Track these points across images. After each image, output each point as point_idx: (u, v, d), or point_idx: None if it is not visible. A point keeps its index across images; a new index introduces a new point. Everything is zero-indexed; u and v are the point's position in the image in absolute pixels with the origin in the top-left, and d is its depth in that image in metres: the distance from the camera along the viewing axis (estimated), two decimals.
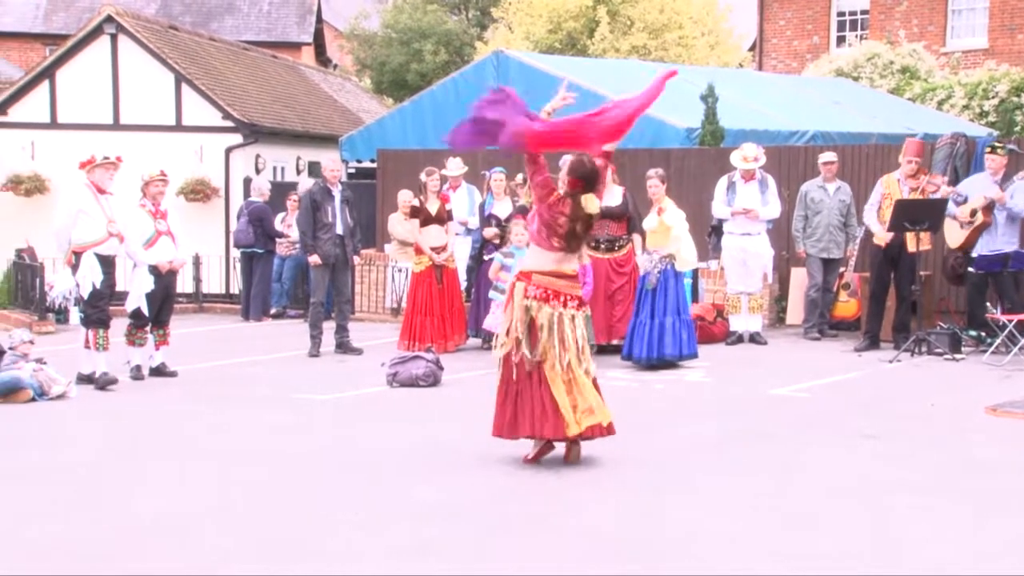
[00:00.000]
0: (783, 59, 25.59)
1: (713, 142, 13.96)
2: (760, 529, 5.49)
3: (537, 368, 6.57)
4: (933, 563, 5.01)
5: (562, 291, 6.66)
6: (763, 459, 6.91)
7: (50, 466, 6.93)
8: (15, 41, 33.93)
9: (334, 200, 11.47)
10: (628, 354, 10.27)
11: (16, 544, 5.38)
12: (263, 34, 33.73)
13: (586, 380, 6.65)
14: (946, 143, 12.39)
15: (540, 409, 6.54)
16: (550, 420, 6.53)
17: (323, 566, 5.03)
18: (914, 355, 10.61)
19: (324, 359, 11.30)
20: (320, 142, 20.73)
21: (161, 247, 10.11)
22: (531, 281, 6.66)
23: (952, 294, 12.24)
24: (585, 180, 6.66)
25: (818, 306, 12.18)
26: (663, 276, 10.11)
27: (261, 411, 8.68)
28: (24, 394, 9.02)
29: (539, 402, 6.55)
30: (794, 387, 9.29)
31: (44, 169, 18.16)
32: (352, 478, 6.51)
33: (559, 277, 6.67)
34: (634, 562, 5.04)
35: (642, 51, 28.54)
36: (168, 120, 18.34)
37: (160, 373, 10.18)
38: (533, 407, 6.55)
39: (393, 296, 14.39)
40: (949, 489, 6.22)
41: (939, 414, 8.22)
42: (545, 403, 6.54)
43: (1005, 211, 10.88)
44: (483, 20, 37.89)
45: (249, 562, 5.09)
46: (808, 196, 12.09)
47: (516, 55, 16.89)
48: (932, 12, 23.87)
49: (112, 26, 18.27)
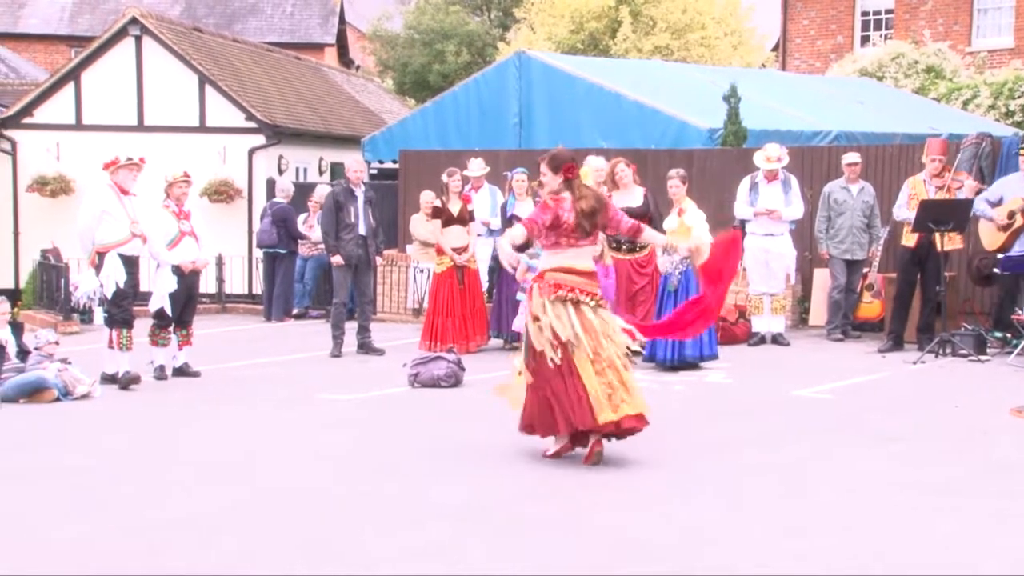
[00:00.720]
0: (806, 59, 25.46)
1: (735, 143, 13.91)
2: (781, 531, 5.46)
3: (566, 360, 6.56)
4: (957, 564, 4.97)
5: (576, 287, 6.68)
6: (785, 461, 6.87)
7: (73, 466, 6.98)
8: (41, 43, 34.19)
9: (357, 201, 11.49)
10: (650, 355, 10.24)
11: (39, 544, 5.42)
12: (286, 35, 33.86)
13: (617, 362, 6.62)
14: (972, 143, 12.30)
15: (575, 399, 6.53)
16: (583, 409, 6.51)
17: (343, 566, 5.03)
18: (938, 356, 10.54)
19: (346, 359, 11.33)
20: (342, 143, 20.79)
21: (184, 247, 10.16)
22: (544, 279, 6.71)
23: (977, 295, 12.15)
24: (574, 160, 6.80)
25: (841, 307, 12.12)
26: (684, 277, 10.08)
27: (283, 411, 8.71)
28: (49, 394, 9.08)
29: (573, 393, 6.54)
30: (817, 388, 9.24)
31: (69, 170, 18.30)
32: (372, 478, 6.52)
33: (572, 273, 6.69)
34: (653, 563, 5.02)
35: (665, 51, 28.47)
36: (192, 121, 18.45)
37: (183, 373, 10.23)
38: (569, 399, 6.54)
39: (415, 297, 14.41)
40: (973, 491, 6.17)
41: (963, 416, 8.16)
42: (579, 393, 6.53)
43: None
44: (505, 21, 37.90)
45: (270, 562, 5.10)
46: (831, 197, 12.02)
47: (538, 56, 16.87)
48: (957, 11, 23.68)
49: (137, 28, 18.40)
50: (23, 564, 5.12)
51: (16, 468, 6.95)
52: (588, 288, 6.75)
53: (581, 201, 6.69)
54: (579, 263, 6.75)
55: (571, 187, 6.73)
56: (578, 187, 6.76)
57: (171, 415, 8.68)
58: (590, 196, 6.76)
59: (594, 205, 6.71)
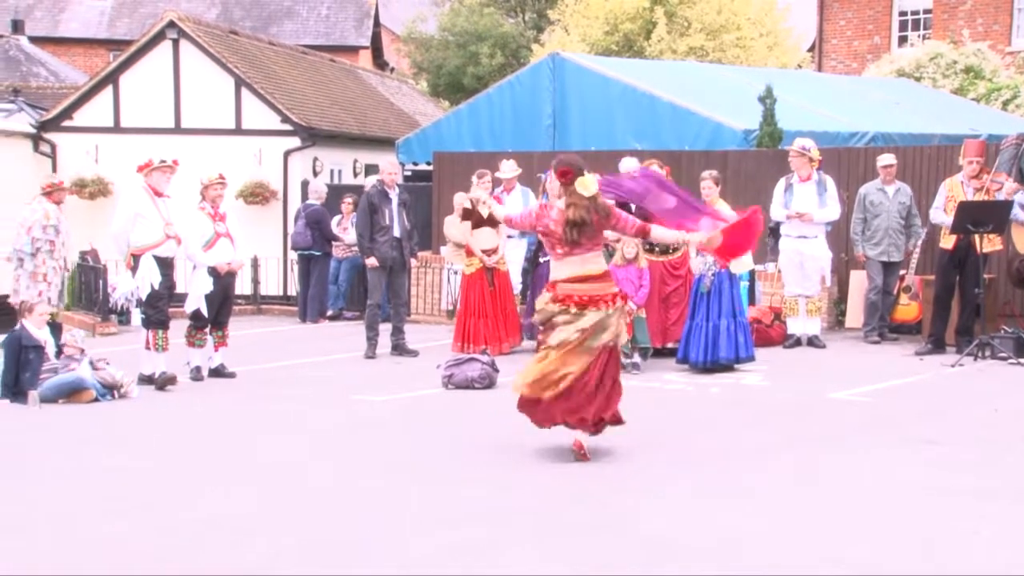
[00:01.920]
0: (843, 59, 25.27)
1: (771, 144, 13.82)
2: (819, 534, 5.42)
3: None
4: (997, 566, 4.91)
5: (592, 294, 6.69)
6: (822, 464, 6.82)
7: (109, 466, 7.04)
8: (80, 47, 34.58)
9: (391, 203, 11.52)
10: (683, 357, 10.20)
11: (76, 543, 5.47)
12: (321, 38, 34.04)
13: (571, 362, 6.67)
14: (1011, 144, 12.12)
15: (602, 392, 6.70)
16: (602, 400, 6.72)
17: (380, 566, 5.05)
18: (977, 359, 10.42)
19: (380, 361, 11.36)
20: (377, 145, 20.86)
21: (220, 249, 10.23)
22: (555, 290, 6.78)
23: (1016, 297, 12.00)
24: (571, 166, 6.78)
25: (878, 309, 12.01)
26: (717, 279, 10.03)
27: (317, 412, 8.75)
28: (87, 394, 9.18)
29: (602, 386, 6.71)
30: (854, 391, 9.16)
31: (107, 173, 18.47)
32: (407, 479, 6.53)
33: (583, 281, 6.71)
34: (690, 564, 5.00)
35: (699, 52, 28.33)
36: (228, 124, 18.58)
37: (219, 374, 10.30)
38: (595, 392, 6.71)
39: (449, 298, 14.43)
40: (1014, 494, 6.09)
41: (1003, 419, 8.06)
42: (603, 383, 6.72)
43: None
44: (539, 22, 37.87)
45: (305, 562, 5.12)
46: (867, 199, 11.92)
47: (572, 57, 16.85)
48: (997, 11, 23.41)
49: (174, 31, 18.55)
50: (63, 562, 5.18)
51: (55, 468, 7.03)
52: (606, 292, 6.74)
53: (570, 210, 6.68)
54: (587, 268, 6.74)
55: (566, 194, 6.74)
56: (570, 194, 6.74)
57: (207, 416, 8.75)
58: (580, 205, 6.69)
59: (583, 216, 6.65)
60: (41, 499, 6.28)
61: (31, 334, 9.58)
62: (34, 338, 9.56)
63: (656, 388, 9.44)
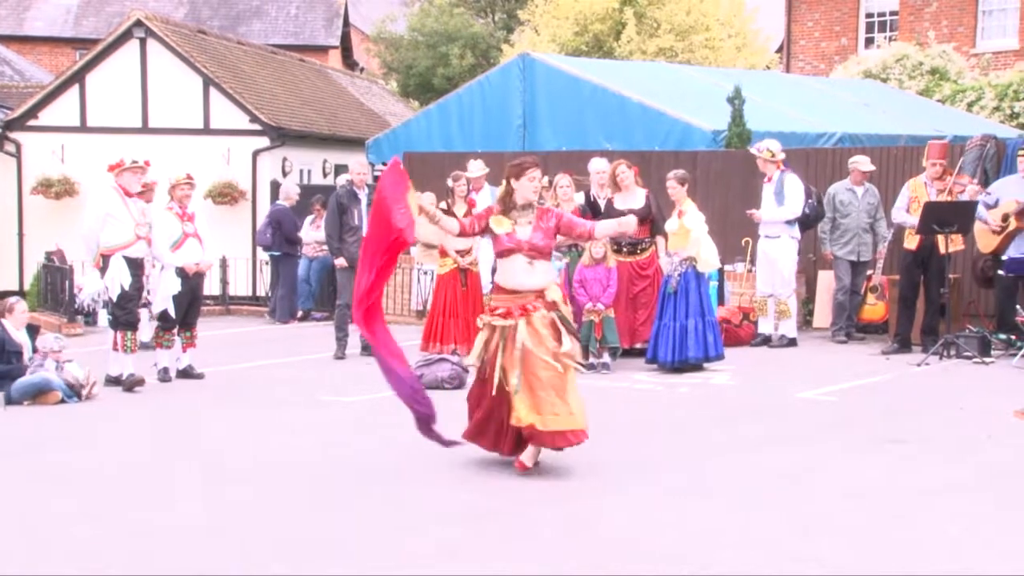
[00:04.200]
0: (811, 61, 25.43)
1: (740, 144, 13.89)
2: (787, 533, 5.46)
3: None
4: (963, 567, 4.96)
5: (517, 305, 6.59)
6: (789, 463, 6.86)
7: (76, 468, 6.98)
8: (46, 45, 34.25)
9: (360, 203, 11.49)
10: (652, 357, 10.23)
11: (46, 545, 5.42)
12: (290, 38, 33.90)
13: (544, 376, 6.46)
14: (976, 145, 12.28)
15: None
16: None
17: (347, 567, 5.03)
18: (942, 358, 10.52)
19: (350, 361, 11.33)
20: (347, 145, 20.80)
21: (188, 249, 10.16)
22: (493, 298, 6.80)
23: (981, 297, 12.13)
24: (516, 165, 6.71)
25: (846, 309, 12.11)
26: (684, 278, 10.07)
27: (286, 413, 8.71)
28: (53, 396, 9.09)
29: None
30: (821, 390, 9.23)
31: (74, 172, 18.32)
32: (378, 480, 6.52)
33: (515, 293, 6.62)
34: (661, 564, 5.02)
35: (669, 53, 28.45)
36: (196, 123, 18.46)
37: (187, 375, 10.24)
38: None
39: (419, 299, 14.41)
40: (978, 493, 6.16)
41: (967, 418, 8.15)
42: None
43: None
44: (509, 23, 37.89)
45: (275, 564, 5.10)
46: (836, 198, 12.03)
47: (542, 58, 16.86)
48: (962, 13, 23.65)
49: (141, 30, 18.42)
50: (31, 565, 5.13)
51: (23, 470, 6.96)
52: (527, 303, 6.57)
53: None
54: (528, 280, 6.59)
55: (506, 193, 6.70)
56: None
57: (175, 417, 8.69)
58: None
59: None
60: (9, 502, 6.22)
61: (12, 337, 9.49)
62: (15, 341, 9.48)
63: (625, 388, 9.47)
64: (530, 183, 6.64)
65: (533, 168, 6.66)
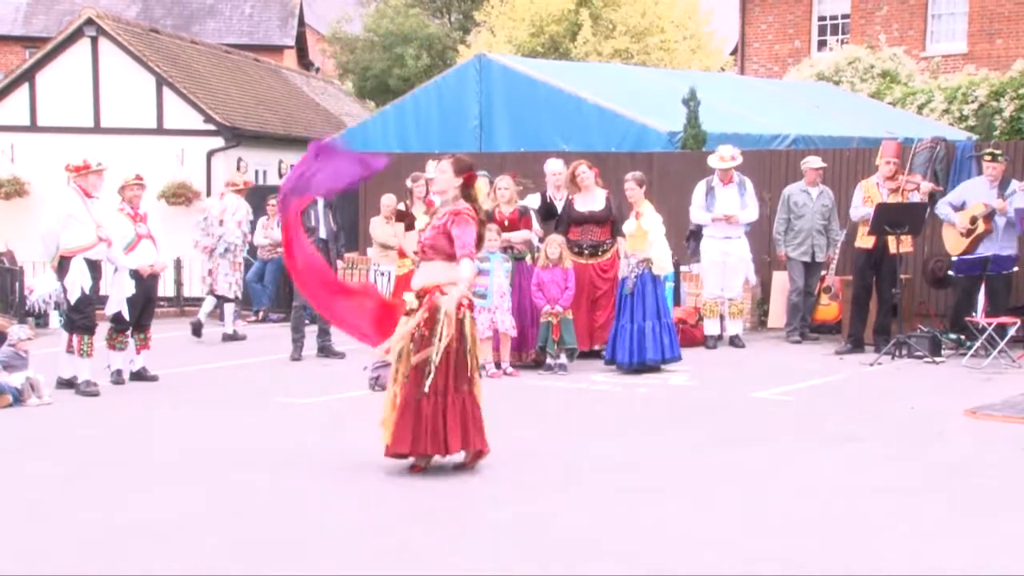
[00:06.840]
0: (764, 63, 25.68)
1: (695, 145, 14.00)
2: (741, 531, 5.50)
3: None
4: (913, 564, 5.03)
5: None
6: (744, 462, 6.92)
7: (30, 471, 6.89)
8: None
9: (317, 204, 11.42)
10: (611, 358, 10.27)
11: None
12: (245, 37, 33.63)
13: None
14: (926, 147, 12.46)
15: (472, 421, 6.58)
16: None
17: (304, 568, 5.01)
18: (894, 358, 10.66)
19: (306, 363, 11.27)
20: (302, 145, 20.52)
21: (142, 251, 10.05)
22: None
23: (932, 297, 12.30)
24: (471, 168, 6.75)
25: (800, 310, 12.23)
26: (640, 280, 10.10)
27: (243, 415, 8.64)
28: (3, 399, 8.95)
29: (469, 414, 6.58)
30: (776, 390, 9.32)
31: (24, 172, 18.07)
32: (332, 481, 6.49)
33: None
34: (615, 563, 5.04)
35: (624, 55, 28.59)
36: (149, 123, 18.27)
37: (141, 377, 10.13)
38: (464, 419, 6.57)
39: None
40: (929, 491, 6.25)
41: (919, 417, 8.26)
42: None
43: (1005, 218, 10.93)
44: (465, 24, 37.87)
45: (234, 564, 5.06)
46: (791, 200, 12.14)
47: (498, 59, 16.89)
48: (912, 17, 24.00)
49: (92, 29, 18.19)
50: None
51: None
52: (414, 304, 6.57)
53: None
54: (416, 279, 6.66)
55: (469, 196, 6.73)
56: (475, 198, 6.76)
57: (129, 420, 8.59)
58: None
59: None
60: None
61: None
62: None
63: (583, 389, 9.50)
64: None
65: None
